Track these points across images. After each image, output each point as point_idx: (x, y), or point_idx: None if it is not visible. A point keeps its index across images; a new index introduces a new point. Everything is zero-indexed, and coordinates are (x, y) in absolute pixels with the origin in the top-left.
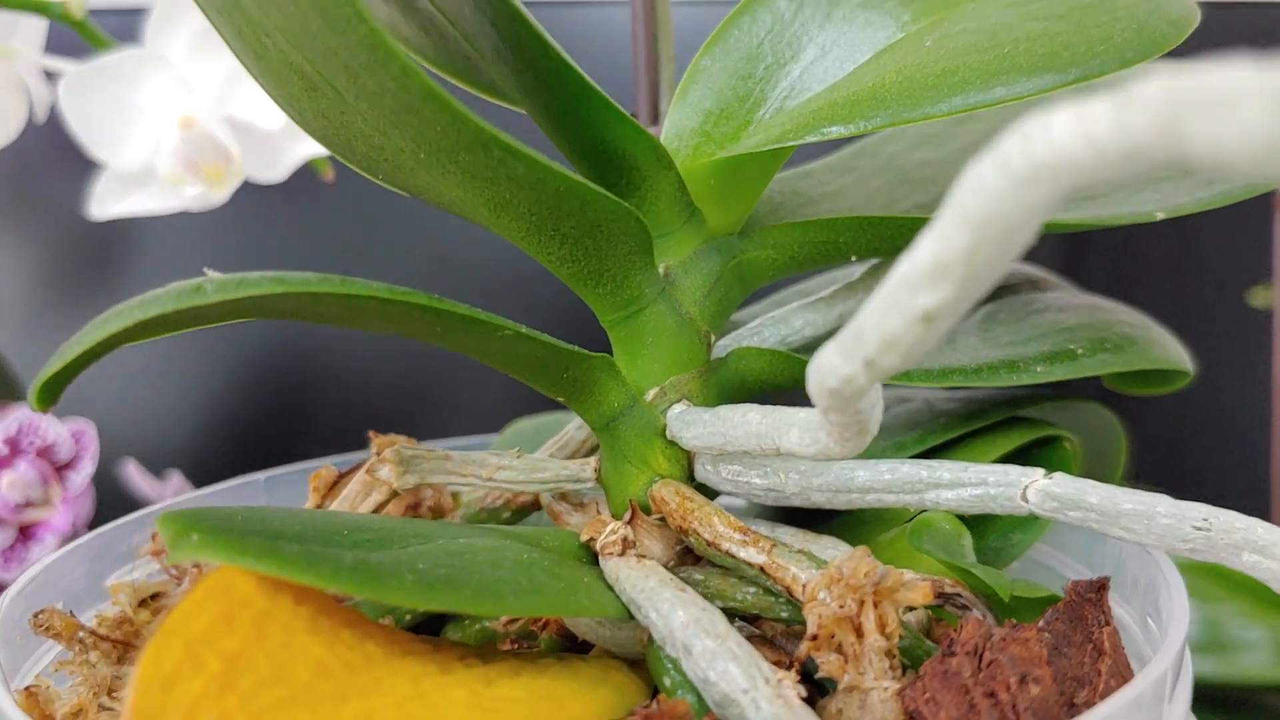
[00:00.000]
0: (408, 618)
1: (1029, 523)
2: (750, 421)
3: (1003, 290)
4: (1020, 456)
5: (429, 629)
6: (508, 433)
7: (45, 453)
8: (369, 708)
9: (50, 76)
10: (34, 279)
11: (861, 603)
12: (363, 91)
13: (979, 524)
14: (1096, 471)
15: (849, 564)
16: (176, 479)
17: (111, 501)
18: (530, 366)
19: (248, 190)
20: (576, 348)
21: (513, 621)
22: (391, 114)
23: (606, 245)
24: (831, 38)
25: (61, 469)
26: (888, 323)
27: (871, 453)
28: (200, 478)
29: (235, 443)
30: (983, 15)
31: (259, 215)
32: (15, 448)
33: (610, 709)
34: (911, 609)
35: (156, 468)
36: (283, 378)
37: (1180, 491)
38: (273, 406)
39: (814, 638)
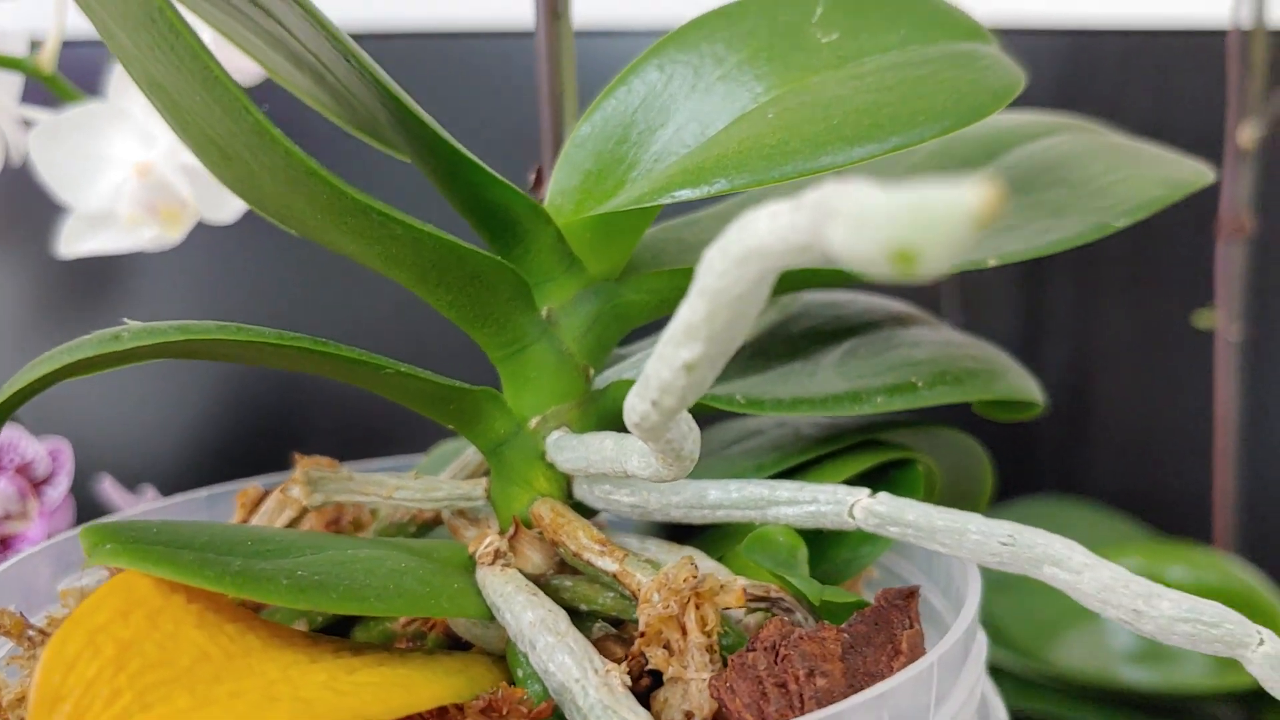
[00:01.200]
0: (320, 620)
1: (874, 538)
2: (606, 447)
3: (868, 326)
4: (876, 477)
5: (342, 631)
6: (434, 454)
7: (24, 470)
8: (239, 687)
9: (27, 125)
10: (20, 311)
11: (685, 604)
12: (263, 165)
13: (835, 539)
14: (961, 492)
15: (673, 570)
16: (150, 493)
17: (90, 514)
18: (419, 399)
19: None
20: (459, 383)
21: (410, 623)
22: (287, 184)
23: (487, 292)
24: (696, 107)
25: (39, 485)
26: (661, 372)
27: (733, 472)
28: (175, 492)
29: (211, 457)
30: (822, 89)
31: (233, 245)
32: None
33: (458, 694)
34: (754, 612)
35: (132, 483)
36: (259, 394)
37: (1130, 501)
38: (248, 422)
39: (643, 634)
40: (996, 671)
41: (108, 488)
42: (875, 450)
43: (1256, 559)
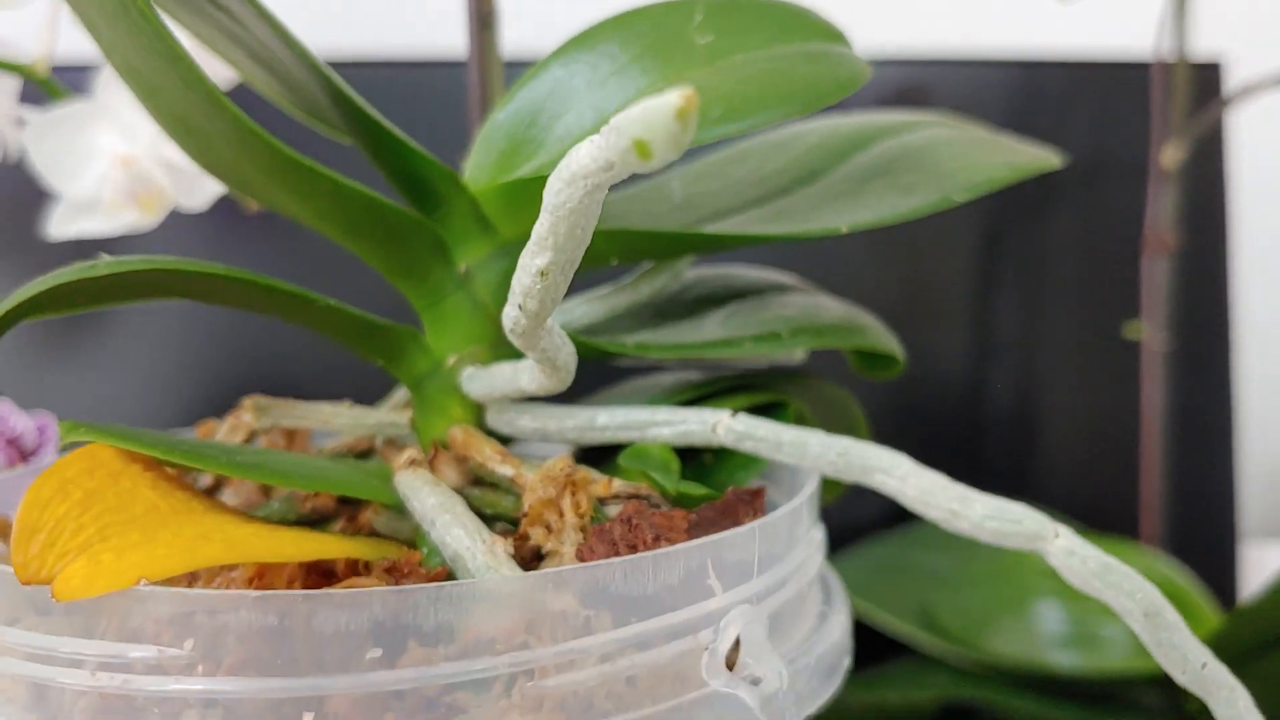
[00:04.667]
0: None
1: (750, 463)
2: (505, 371)
3: (752, 293)
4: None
5: None
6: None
7: (13, 443)
8: (181, 531)
9: (21, 123)
10: None
11: (561, 490)
12: (217, 131)
13: (715, 465)
14: None
15: (553, 463)
16: None
17: None
18: (350, 335)
19: (206, 218)
20: (382, 320)
21: (345, 527)
22: (237, 147)
23: (408, 247)
24: (593, 97)
25: (27, 457)
26: (522, 279)
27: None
28: None
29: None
30: (695, 81)
31: (219, 241)
32: None
33: (363, 554)
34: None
35: None
36: (245, 374)
37: (1070, 502)
38: (235, 401)
39: (527, 515)
40: (934, 662)
41: None
42: (751, 392)
43: (1180, 556)
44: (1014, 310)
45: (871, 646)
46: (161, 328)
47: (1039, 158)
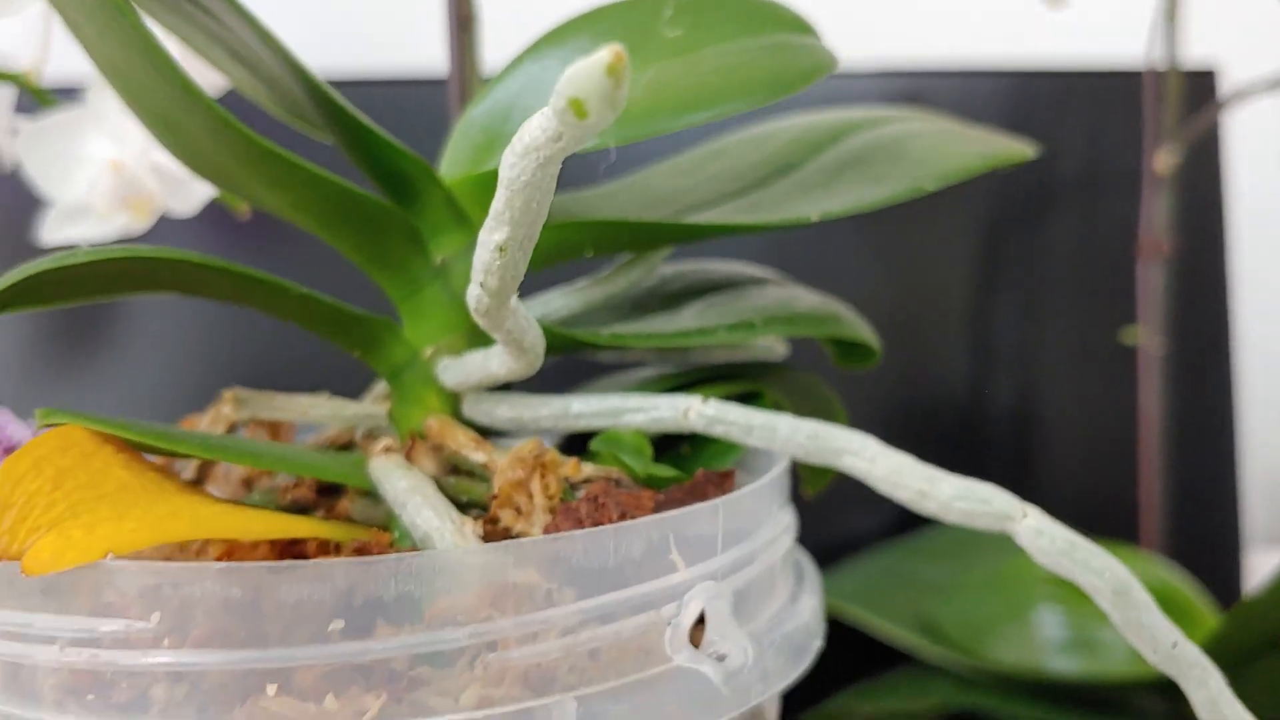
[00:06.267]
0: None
1: (726, 451)
2: (476, 358)
3: (729, 285)
4: None
5: None
6: None
7: (10, 451)
8: (149, 507)
9: (14, 133)
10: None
11: (531, 472)
12: (196, 125)
13: (695, 454)
14: None
15: (523, 446)
16: None
17: None
18: (327, 325)
19: (201, 225)
20: (359, 310)
21: (326, 516)
22: (214, 140)
23: (382, 237)
24: None
25: None
26: (482, 255)
27: None
28: None
29: None
30: (662, 73)
31: (214, 247)
32: None
33: (334, 536)
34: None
35: None
36: (249, 379)
37: (1070, 506)
38: None
39: (496, 498)
40: (935, 670)
41: None
42: (726, 383)
43: (1179, 558)
44: (1012, 317)
45: (872, 656)
46: (165, 330)
47: (1012, 148)
